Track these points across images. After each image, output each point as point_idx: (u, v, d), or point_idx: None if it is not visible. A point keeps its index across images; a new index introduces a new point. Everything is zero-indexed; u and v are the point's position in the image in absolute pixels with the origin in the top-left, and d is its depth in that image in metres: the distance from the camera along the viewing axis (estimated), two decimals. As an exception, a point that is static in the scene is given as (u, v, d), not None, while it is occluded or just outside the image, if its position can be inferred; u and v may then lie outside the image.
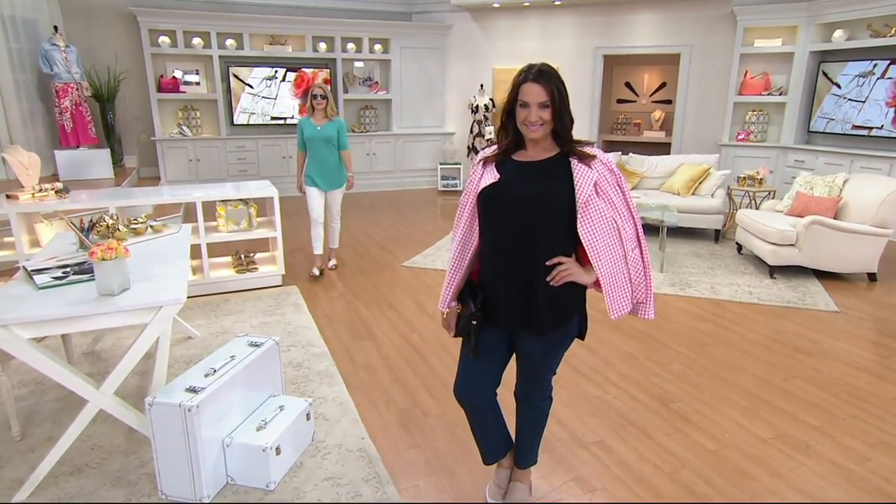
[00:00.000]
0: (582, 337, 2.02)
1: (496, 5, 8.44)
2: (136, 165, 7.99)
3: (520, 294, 1.84)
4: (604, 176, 1.79)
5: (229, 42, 7.98)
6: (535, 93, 1.73)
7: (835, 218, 4.93)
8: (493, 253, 1.87)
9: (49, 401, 2.93)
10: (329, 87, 4.75)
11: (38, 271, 2.50)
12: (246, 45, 8.05)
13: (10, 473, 2.38)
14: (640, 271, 1.87)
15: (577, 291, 1.90)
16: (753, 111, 7.59)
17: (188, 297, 4.27)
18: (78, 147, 6.78)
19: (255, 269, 4.67)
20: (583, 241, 1.78)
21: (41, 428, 2.70)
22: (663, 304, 4.38)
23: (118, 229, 3.08)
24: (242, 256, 4.74)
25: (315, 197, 4.76)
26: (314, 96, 4.63)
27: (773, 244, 4.89)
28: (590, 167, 1.79)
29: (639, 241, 1.87)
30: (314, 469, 2.43)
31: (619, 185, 1.83)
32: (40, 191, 4.08)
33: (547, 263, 1.80)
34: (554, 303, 1.85)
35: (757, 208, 5.98)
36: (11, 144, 5.43)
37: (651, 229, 6.09)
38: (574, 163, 1.80)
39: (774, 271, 4.98)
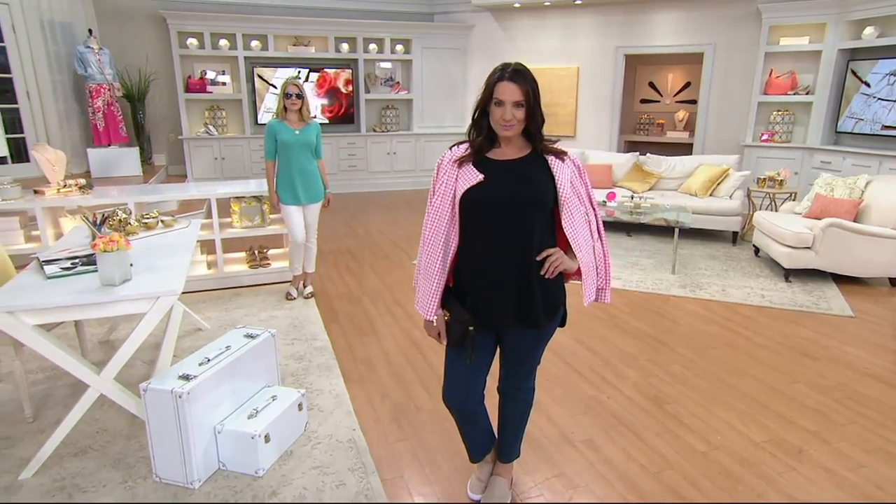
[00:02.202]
0: (563, 324, 2.05)
1: (517, 5, 8.44)
2: (165, 163, 8.26)
3: (518, 291, 1.87)
4: (574, 172, 1.88)
5: (254, 43, 8.19)
6: (510, 91, 1.77)
7: (855, 220, 4.79)
8: (487, 254, 1.86)
9: (62, 386, 3.08)
10: (304, 86, 4.15)
11: (49, 262, 2.63)
12: (270, 47, 8.24)
13: (20, 452, 2.52)
14: (601, 259, 1.96)
15: (562, 280, 1.97)
16: (779, 111, 7.40)
17: (202, 291, 4.51)
18: (109, 146, 7.05)
19: (268, 264, 4.79)
20: (567, 234, 1.84)
21: (53, 411, 2.85)
22: (671, 305, 4.34)
23: (129, 223, 3.21)
24: (256, 252, 4.87)
25: (295, 214, 4.17)
26: (288, 95, 3.95)
27: (789, 247, 4.78)
28: (563, 163, 1.86)
29: (600, 231, 1.95)
30: (303, 457, 2.51)
31: (584, 181, 1.90)
32: (65, 186, 4.28)
33: (538, 258, 1.84)
34: (548, 294, 1.90)
35: (776, 210, 5.84)
36: (39, 142, 5.69)
37: (665, 230, 6.03)
38: (551, 160, 1.86)
39: (790, 275, 4.86)
